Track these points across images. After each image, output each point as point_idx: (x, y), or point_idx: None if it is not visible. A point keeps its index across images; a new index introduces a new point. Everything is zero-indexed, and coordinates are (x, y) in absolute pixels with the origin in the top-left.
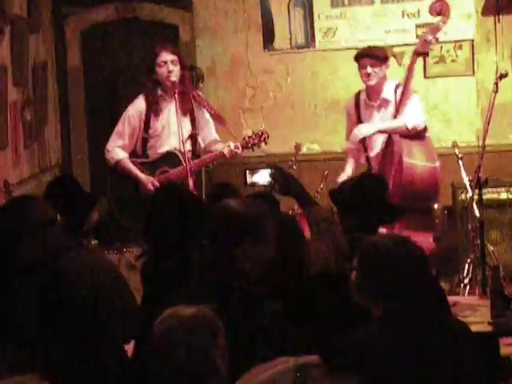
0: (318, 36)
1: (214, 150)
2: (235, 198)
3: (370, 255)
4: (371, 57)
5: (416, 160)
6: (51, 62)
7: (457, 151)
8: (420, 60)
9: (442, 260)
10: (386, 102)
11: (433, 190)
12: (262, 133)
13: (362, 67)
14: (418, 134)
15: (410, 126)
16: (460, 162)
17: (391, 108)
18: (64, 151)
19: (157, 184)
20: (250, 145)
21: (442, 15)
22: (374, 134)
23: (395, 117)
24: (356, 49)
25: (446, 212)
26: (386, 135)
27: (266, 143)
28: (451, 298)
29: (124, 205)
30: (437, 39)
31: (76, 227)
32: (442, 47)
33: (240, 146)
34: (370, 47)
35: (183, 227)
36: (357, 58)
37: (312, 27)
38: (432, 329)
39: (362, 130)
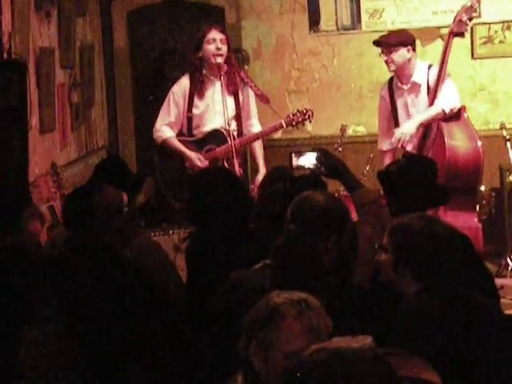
0: (365, 17)
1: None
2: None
3: (405, 235)
4: (380, 45)
5: (458, 141)
6: (98, 44)
7: (504, 133)
8: (466, 40)
9: None
10: (416, 85)
11: (476, 170)
12: (307, 110)
13: (382, 54)
14: (455, 115)
15: (447, 110)
16: (508, 143)
17: (423, 91)
18: (111, 133)
19: (204, 161)
20: (294, 122)
21: None
22: (417, 129)
23: (430, 100)
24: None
25: (493, 194)
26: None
27: (310, 121)
28: (499, 281)
29: (171, 185)
30: (471, 18)
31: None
32: (489, 28)
33: (284, 123)
34: (383, 35)
35: (227, 210)
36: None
37: (358, 8)
38: (465, 312)
39: (405, 131)
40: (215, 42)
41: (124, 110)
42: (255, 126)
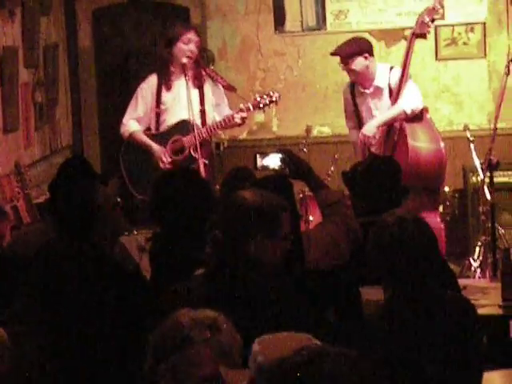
0: (330, 18)
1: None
2: (251, 186)
3: (377, 238)
4: (337, 55)
5: (421, 142)
6: (62, 43)
7: (468, 134)
8: (430, 42)
9: None
10: (379, 89)
11: (439, 171)
12: (273, 93)
13: (343, 64)
14: (417, 116)
15: (408, 111)
16: (471, 144)
17: (386, 94)
18: (75, 133)
19: (168, 156)
20: (261, 105)
21: None
22: (378, 129)
23: (393, 102)
24: (367, 31)
25: (457, 195)
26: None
27: (276, 104)
28: (462, 281)
29: (138, 181)
30: (433, 20)
31: None
32: (453, 29)
33: (251, 106)
34: (339, 46)
35: (191, 211)
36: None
37: (323, 9)
38: (437, 312)
39: (367, 132)
40: (190, 43)
41: (88, 109)
42: (227, 111)
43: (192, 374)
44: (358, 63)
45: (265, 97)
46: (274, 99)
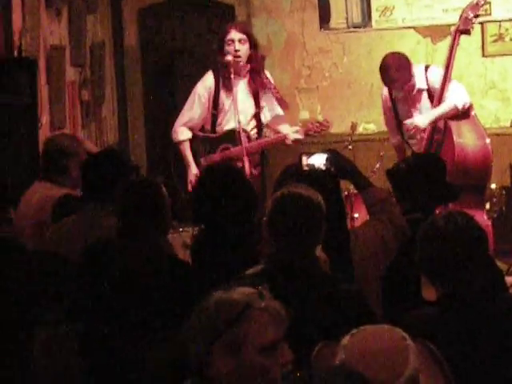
0: (375, 15)
1: (277, 128)
2: (297, 182)
3: (427, 237)
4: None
5: (467, 139)
6: (108, 41)
7: None
8: (477, 38)
9: None
10: (419, 91)
11: (485, 168)
12: (326, 121)
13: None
14: (462, 114)
15: (460, 106)
16: None
17: (425, 94)
18: (121, 131)
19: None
20: (312, 132)
21: None
22: (429, 124)
23: (437, 101)
24: (413, 28)
25: (504, 192)
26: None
27: (327, 131)
28: (509, 279)
29: (184, 182)
30: (477, 16)
31: None
32: (500, 25)
33: (302, 133)
34: (392, 72)
35: (226, 209)
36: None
37: (369, 6)
38: (488, 311)
39: (420, 124)
40: (233, 43)
41: (134, 107)
42: (278, 110)
43: (255, 342)
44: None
45: (317, 124)
46: (325, 127)
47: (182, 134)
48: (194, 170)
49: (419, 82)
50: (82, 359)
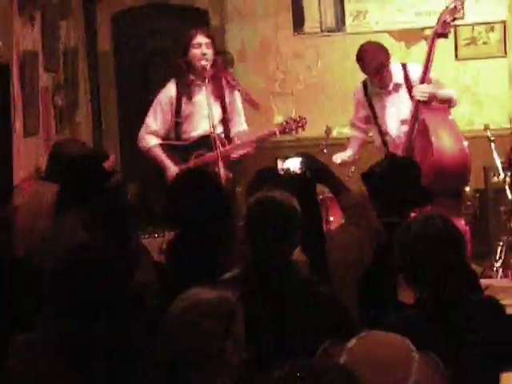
0: (349, 19)
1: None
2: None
3: (404, 239)
4: (387, 62)
5: (445, 142)
6: (82, 47)
7: (489, 134)
8: (450, 42)
9: None
10: (397, 85)
11: (464, 171)
12: (300, 118)
13: (377, 75)
14: (441, 117)
15: (454, 98)
16: (492, 144)
17: (403, 89)
18: (95, 136)
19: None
20: (287, 130)
21: None
22: (429, 92)
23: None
24: (386, 32)
25: (477, 195)
26: (410, 121)
27: (303, 129)
28: (484, 282)
29: (156, 189)
30: (455, 19)
31: None
32: (473, 29)
33: (278, 131)
34: (380, 51)
35: (199, 213)
36: (372, 73)
37: (342, 10)
38: (464, 313)
39: (421, 89)
40: (200, 47)
41: (108, 112)
42: (241, 126)
43: None
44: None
45: (292, 122)
46: (300, 125)
47: (151, 140)
48: (173, 170)
49: (396, 76)
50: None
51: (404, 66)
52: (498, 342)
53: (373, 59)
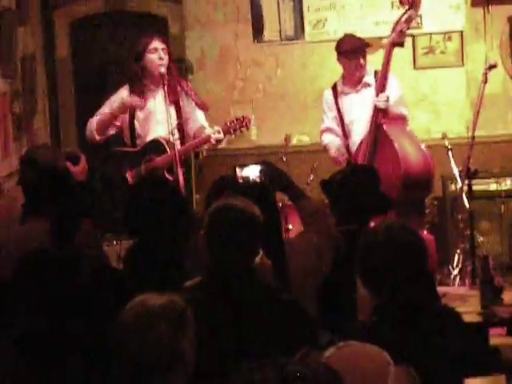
0: (308, 28)
1: (202, 135)
2: (233, 194)
3: (365, 247)
4: (365, 48)
5: (409, 151)
6: (40, 53)
7: (446, 142)
8: (408, 51)
9: None
10: (367, 84)
11: (429, 178)
12: (244, 118)
13: (354, 59)
14: (402, 125)
15: (405, 114)
16: (450, 153)
17: (372, 91)
18: (53, 143)
19: (140, 99)
20: (231, 130)
21: (414, 5)
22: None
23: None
24: None
25: (436, 203)
26: (369, 128)
27: (247, 128)
28: (441, 289)
29: (113, 195)
30: (409, 28)
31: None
32: (431, 38)
33: (222, 131)
34: (359, 39)
35: (158, 218)
36: (349, 51)
37: (302, 18)
38: (421, 320)
39: (382, 98)
40: (157, 52)
41: (67, 119)
42: (198, 120)
43: None
44: (361, 63)
45: (235, 121)
46: (244, 124)
47: (93, 123)
48: (126, 100)
49: (368, 77)
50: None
51: (376, 72)
52: (459, 350)
53: (351, 41)
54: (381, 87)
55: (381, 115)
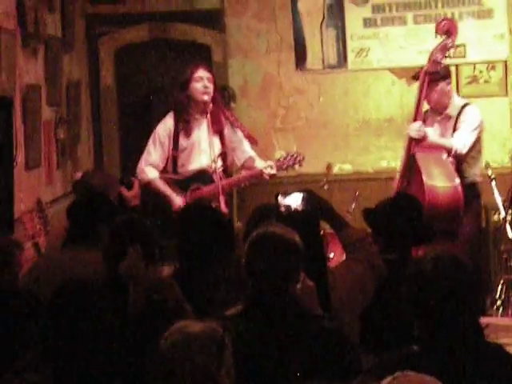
0: (351, 56)
1: (253, 167)
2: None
3: (412, 278)
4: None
5: (437, 181)
6: (85, 80)
7: (489, 172)
8: (452, 80)
9: None
10: (447, 117)
11: (457, 209)
12: (298, 154)
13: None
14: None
15: (453, 150)
16: (493, 182)
17: (451, 125)
18: (94, 170)
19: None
20: (284, 166)
21: (450, 34)
22: (430, 139)
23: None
24: (388, 69)
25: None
26: (404, 156)
27: (300, 165)
28: (484, 320)
29: (156, 222)
30: (445, 57)
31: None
32: (474, 67)
33: (275, 167)
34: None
35: (210, 245)
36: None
37: (344, 47)
38: (466, 355)
39: (427, 131)
40: (202, 81)
41: (110, 146)
42: (247, 153)
43: None
44: (442, 87)
45: (289, 158)
46: (297, 161)
47: (150, 172)
48: (178, 201)
49: (452, 110)
50: None
51: (466, 104)
52: (505, 382)
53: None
54: (415, 117)
55: (413, 144)
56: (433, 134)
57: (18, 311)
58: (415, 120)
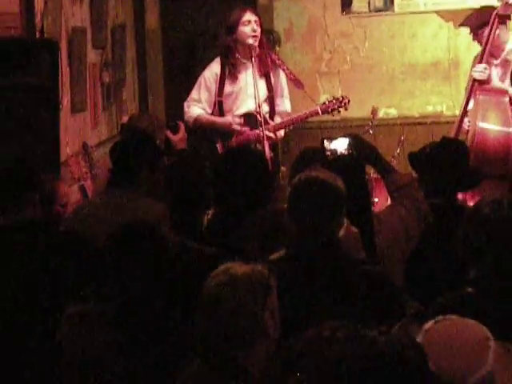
0: None
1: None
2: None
3: (471, 222)
4: (465, 26)
5: (490, 124)
6: (130, 24)
7: None
8: None
9: None
10: (507, 62)
11: (505, 156)
12: (343, 98)
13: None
14: (501, 97)
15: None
16: None
17: (509, 67)
18: (142, 113)
19: (238, 123)
20: (330, 109)
21: None
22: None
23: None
24: (435, 12)
25: None
26: (465, 97)
27: (346, 109)
28: None
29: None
30: None
31: None
32: None
33: (320, 110)
34: (468, 16)
35: (247, 191)
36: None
37: None
38: None
39: (479, 68)
40: (250, 24)
41: (155, 90)
42: (283, 106)
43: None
44: (504, 31)
45: (334, 101)
46: (343, 104)
47: (196, 110)
48: (226, 121)
49: (509, 53)
50: (113, 337)
51: None
52: None
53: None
54: (480, 60)
55: (477, 86)
56: (496, 77)
57: (70, 250)
58: (480, 62)
